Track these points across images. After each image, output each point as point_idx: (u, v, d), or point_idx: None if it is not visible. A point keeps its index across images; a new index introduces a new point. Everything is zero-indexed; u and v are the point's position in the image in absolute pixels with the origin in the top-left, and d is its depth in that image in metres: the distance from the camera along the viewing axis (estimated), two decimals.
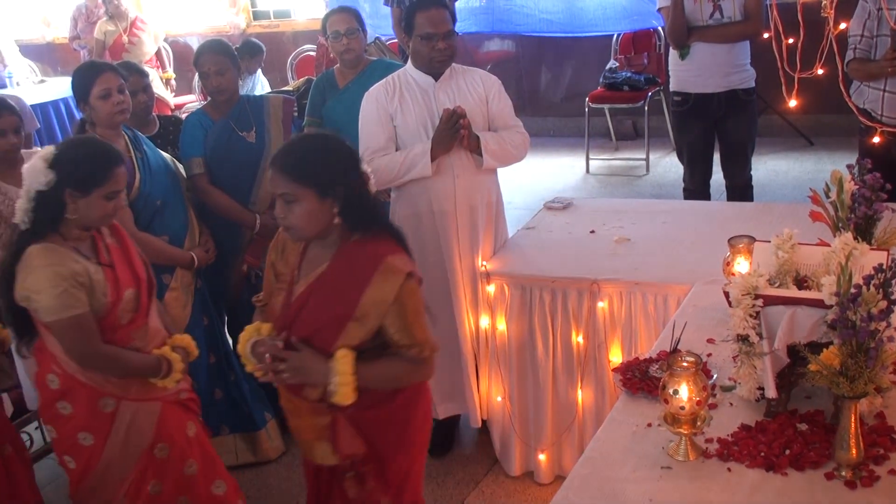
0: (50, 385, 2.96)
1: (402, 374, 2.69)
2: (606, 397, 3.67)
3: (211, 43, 4.32)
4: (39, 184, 2.81)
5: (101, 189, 2.84)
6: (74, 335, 2.84)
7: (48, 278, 2.77)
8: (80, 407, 2.95)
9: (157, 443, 3.05)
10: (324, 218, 2.57)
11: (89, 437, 2.96)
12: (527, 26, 8.71)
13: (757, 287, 2.35)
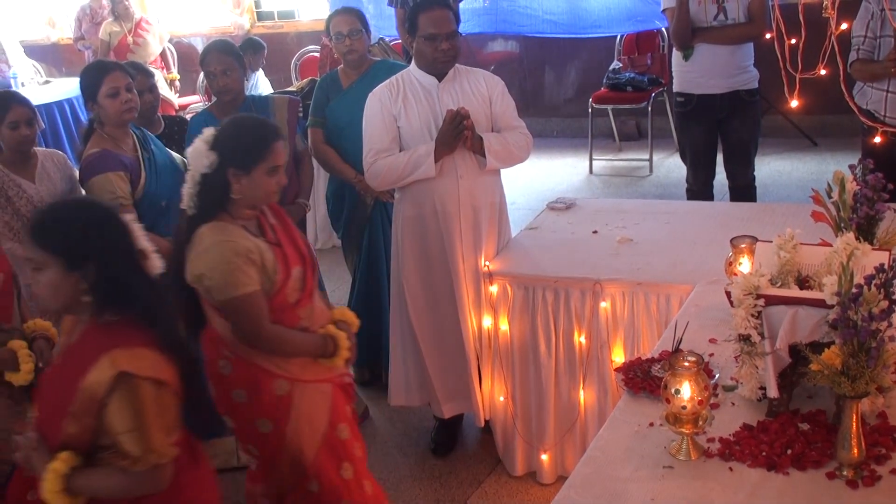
0: (222, 372, 2.93)
1: (125, 485, 2.36)
2: (609, 397, 3.68)
3: (217, 43, 4.33)
4: (203, 166, 2.81)
5: (262, 165, 2.83)
6: (245, 314, 2.80)
7: (221, 256, 2.76)
8: (254, 393, 2.91)
9: (336, 423, 3.02)
10: (69, 291, 2.33)
11: (268, 423, 2.92)
12: (530, 27, 8.72)
13: (759, 287, 2.36)
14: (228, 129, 2.88)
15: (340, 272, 5.63)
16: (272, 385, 2.90)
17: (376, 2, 8.82)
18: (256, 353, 2.88)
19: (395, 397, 4.26)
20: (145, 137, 3.99)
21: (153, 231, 3.87)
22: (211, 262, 2.77)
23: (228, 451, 4.29)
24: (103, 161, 3.78)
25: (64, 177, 4.07)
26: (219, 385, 2.96)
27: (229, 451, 4.28)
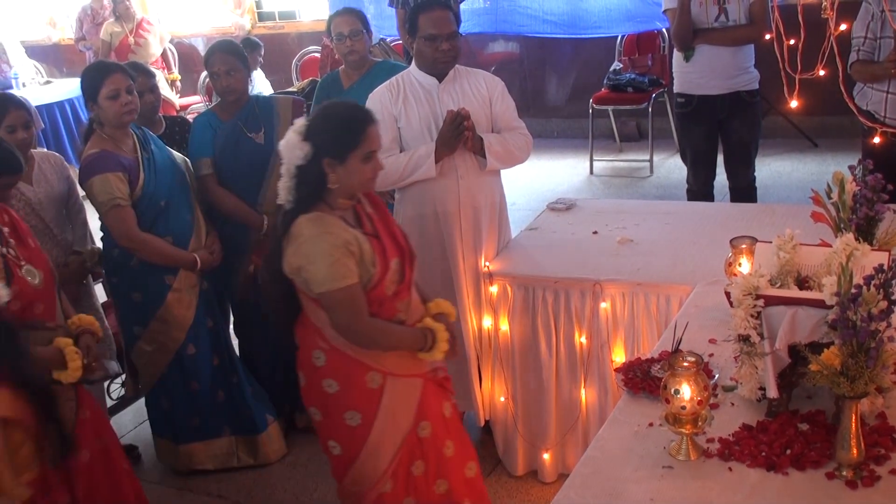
0: (315, 363, 2.92)
1: None
2: (610, 397, 3.68)
3: (221, 43, 4.32)
4: (297, 158, 2.78)
5: (357, 152, 2.78)
6: (344, 307, 2.78)
7: (320, 248, 2.74)
8: (346, 383, 2.90)
9: (419, 421, 2.98)
10: None
11: (356, 415, 2.90)
12: (530, 27, 8.72)
13: (758, 287, 2.36)
14: (320, 118, 2.84)
15: None
16: (365, 377, 2.89)
17: (377, 2, 8.82)
18: (352, 345, 2.87)
19: None
20: (145, 137, 3.99)
21: (152, 231, 3.89)
22: (310, 254, 2.75)
23: (228, 451, 4.29)
24: (102, 162, 3.78)
25: (61, 178, 4.07)
26: (310, 375, 2.96)
27: (228, 452, 4.29)
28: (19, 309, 3.09)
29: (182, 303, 4.01)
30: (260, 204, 4.22)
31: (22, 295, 3.08)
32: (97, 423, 3.39)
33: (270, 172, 4.17)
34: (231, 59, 4.16)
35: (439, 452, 3.03)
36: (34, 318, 3.15)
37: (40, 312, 3.17)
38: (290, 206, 2.83)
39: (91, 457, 3.28)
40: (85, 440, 3.27)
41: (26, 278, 3.11)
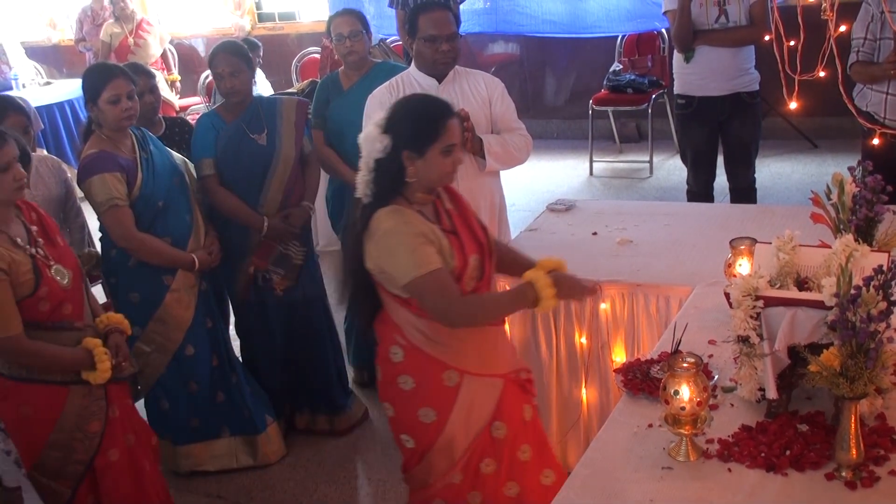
0: (392, 359, 2.89)
1: None
2: (611, 397, 3.68)
3: (225, 44, 4.32)
4: (377, 151, 2.74)
5: (437, 145, 2.73)
6: (434, 292, 2.71)
7: (399, 239, 2.70)
8: (423, 381, 2.86)
9: (494, 420, 2.92)
10: None
11: (431, 412, 2.86)
12: (530, 27, 8.72)
13: (758, 288, 2.36)
14: (400, 111, 2.80)
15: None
16: (442, 375, 2.86)
17: (377, 2, 8.83)
18: (430, 343, 2.83)
19: None
20: (145, 138, 3.98)
21: (150, 231, 3.88)
22: (390, 247, 2.72)
23: (227, 452, 4.29)
24: (100, 162, 3.78)
25: (58, 182, 4.07)
26: (386, 371, 2.94)
27: (228, 453, 4.29)
28: (48, 310, 3.11)
29: (180, 303, 4.01)
30: (261, 205, 4.20)
31: (51, 296, 3.10)
32: (126, 422, 3.40)
33: (272, 174, 4.18)
34: (235, 60, 4.14)
35: (513, 455, 2.97)
36: (63, 318, 3.17)
37: (69, 313, 3.18)
38: (367, 199, 2.80)
39: (119, 456, 3.31)
40: (113, 439, 3.29)
41: (55, 278, 3.12)
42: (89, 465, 3.26)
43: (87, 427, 3.24)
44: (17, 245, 3.06)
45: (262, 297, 4.32)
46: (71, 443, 3.21)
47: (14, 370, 3.13)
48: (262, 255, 4.26)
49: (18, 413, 3.16)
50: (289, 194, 4.25)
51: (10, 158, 3.00)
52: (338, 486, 4.17)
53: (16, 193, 3.07)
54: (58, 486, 3.23)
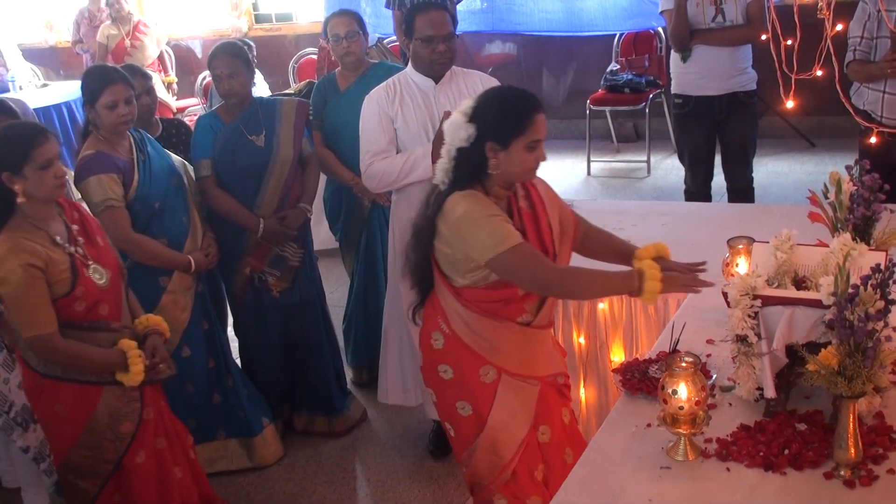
0: (434, 345, 2.90)
1: None
2: (609, 396, 3.69)
3: (225, 45, 4.30)
4: (460, 140, 2.71)
5: (521, 139, 2.69)
6: (527, 263, 2.67)
7: (475, 217, 2.67)
8: (460, 372, 2.86)
9: (539, 424, 2.93)
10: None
11: (468, 406, 2.87)
12: (526, 25, 8.71)
13: (755, 287, 2.36)
14: (487, 101, 2.77)
15: (338, 273, 5.63)
16: (479, 370, 2.85)
17: (374, 2, 8.83)
18: (472, 335, 2.83)
19: (391, 396, 4.25)
20: (143, 139, 3.98)
21: (146, 232, 3.88)
22: (468, 225, 2.69)
23: (223, 454, 4.27)
24: (97, 163, 3.78)
25: None
26: (428, 357, 2.94)
27: (224, 455, 4.28)
28: (84, 310, 3.11)
29: (177, 305, 4.00)
30: (257, 206, 4.20)
31: (87, 295, 3.10)
32: (160, 425, 3.40)
33: (268, 175, 4.18)
34: (235, 61, 4.12)
35: (561, 459, 2.97)
36: (99, 318, 3.17)
37: (105, 314, 3.19)
38: (445, 187, 2.78)
39: (146, 458, 3.31)
40: (143, 441, 3.31)
41: (92, 278, 3.13)
42: (118, 464, 3.26)
43: (119, 428, 3.25)
44: (56, 243, 3.08)
45: (259, 298, 4.32)
46: (101, 442, 3.22)
47: (49, 368, 3.14)
48: (258, 257, 4.26)
49: (52, 411, 3.19)
50: (286, 196, 4.25)
51: (51, 156, 3.04)
52: (336, 486, 4.16)
53: (57, 191, 3.10)
54: (84, 484, 3.25)
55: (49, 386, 3.16)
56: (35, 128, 3.14)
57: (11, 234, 3.01)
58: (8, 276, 2.96)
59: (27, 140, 3.01)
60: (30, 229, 3.05)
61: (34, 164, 3.00)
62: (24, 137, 3.03)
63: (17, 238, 3.00)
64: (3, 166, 2.99)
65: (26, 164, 2.99)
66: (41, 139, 3.03)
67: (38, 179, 3.01)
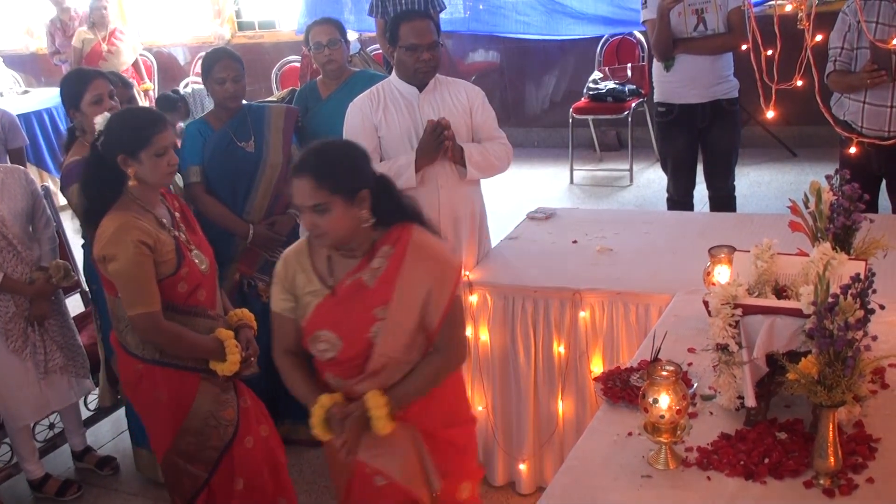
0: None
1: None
2: (587, 407, 3.68)
3: (223, 50, 4.33)
4: None
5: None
6: None
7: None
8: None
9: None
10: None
11: None
12: (504, 27, 8.75)
13: (736, 296, 2.37)
14: None
15: None
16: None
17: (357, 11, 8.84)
18: None
19: None
20: None
21: None
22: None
23: None
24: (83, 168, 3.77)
25: (26, 193, 4.02)
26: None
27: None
28: (186, 292, 3.13)
29: None
30: (246, 212, 4.22)
31: (190, 277, 3.13)
32: (257, 411, 3.41)
33: (258, 181, 4.21)
34: (236, 65, 4.16)
35: None
36: (198, 304, 3.19)
37: (203, 299, 3.21)
38: None
39: (255, 443, 3.33)
40: (248, 427, 3.33)
41: (195, 261, 3.16)
42: (224, 451, 3.26)
43: (222, 414, 3.25)
44: (163, 226, 3.10)
45: (248, 303, 4.27)
46: (205, 429, 3.22)
47: (147, 352, 3.16)
48: (247, 262, 4.28)
49: (152, 397, 3.21)
50: (275, 202, 4.27)
51: (167, 143, 3.06)
52: (317, 496, 4.16)
53: (167, 178, 3.15)
54: (194, 469, 3.26)
55: (147, 372, 3.18)
56: (156, 114, 3.18)
57: (122, 213, 3.04)
58: (118, 253, 2.97)
59: (149, 125, 3.04)
60: (138, 210, 3.07)
61: (152, 149, 3.01)
62: (146, 122, 3.06)
63: (128, 216, 3.02)
64: (121, 149, 3.01)
65: (144, 149, 3.01)
66: (161, 126, 3.06)
67: (152, 165, 3.03)
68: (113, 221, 3.01)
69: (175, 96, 7.24)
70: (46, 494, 4.31)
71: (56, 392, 4.16)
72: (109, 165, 3.04)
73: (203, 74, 4.26)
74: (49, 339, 4.10)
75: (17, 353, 3.99)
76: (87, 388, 4.37)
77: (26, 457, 4.28)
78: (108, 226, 3.01)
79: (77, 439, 4.55)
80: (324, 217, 2.52)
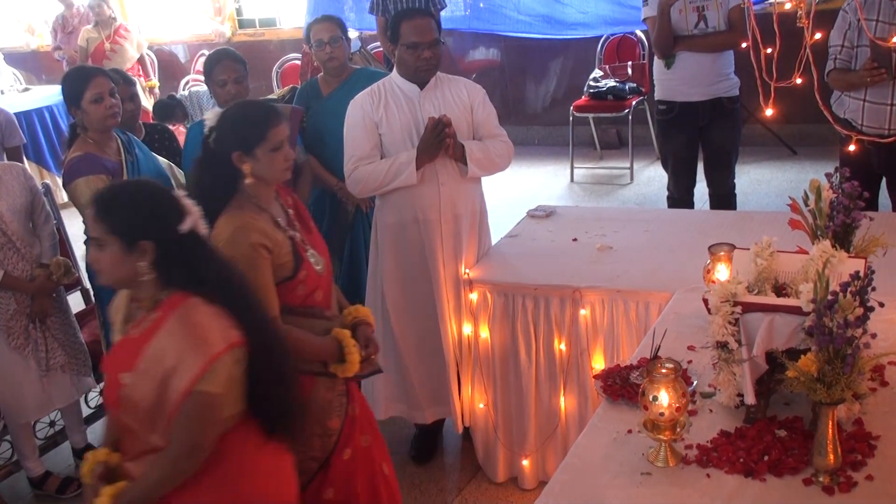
0: None
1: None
2: (589, 403, 3.69)
3: (226, 51, 4.27)
4: None
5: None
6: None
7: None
8: None
9: None
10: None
11: None
12: (505, 27, 8.74)
13: (736, 294, 2.37)
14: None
15: None
16: None
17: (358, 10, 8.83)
18: None
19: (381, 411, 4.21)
20: (130, 142, 3.97)
21: None
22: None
23: None
24: (85, 164, 3.77)
25: (24, 189, 4.02)
26: None
27: None
28: (303, 294, 2.98)
29: None
30: None
31: (308, 280, 2.97)
32: (365, 421, 3.25)
33: None
34: (238, 66, 4.12)
35: None
36: (314, 304, 3.04)
37: (320, 300, 3.05)
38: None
39: (352, 455, 3.15)
40: (350, 438, 3.14)
41: (310, 261, 3.00)
42: (324, 464, 3.08)
43: (328, 423, 3.07)
44: (279, 226, 2.95)
45: None
46: (310, 438, 3.03)
47: None
48: None
49: None
50: None
51: (283, 138, 2.91)
52: None
53: (285, 174, 2.98)
54: None
55: None
56: (270, 108, 3.02)
57: (238, 214, 2.88)
58: (235, 257, 2.78)
59: (263, 120, 2.90)
60: (254, 210, 2.91)
61: (268, 145, 2.87)
62: (260, 118, 2.91)
63: (245, 217, 2.87)
64: (236, 145, 2.87)
65: (260, 144, 2.87)
66: (276, 120, 2.91)
67: (269, 161, 2.88)
68: (229, 223, 2.85)
69: (172, 102, 7.19)
70: (47, 492, 4.31)
71: (58, 389, 4.17)
72: (222, 163, 2.90)
73: (205, 76, 4.21)
74: (51, 336, 4.10)
75: (18, 351, 4.00)
76: (88, 386, 4.38)
77: (27, 454, 4.29)
78: (225, 228, 2.84)
79: (78, 437, 4.55)
80: (101, 253, 2.41)
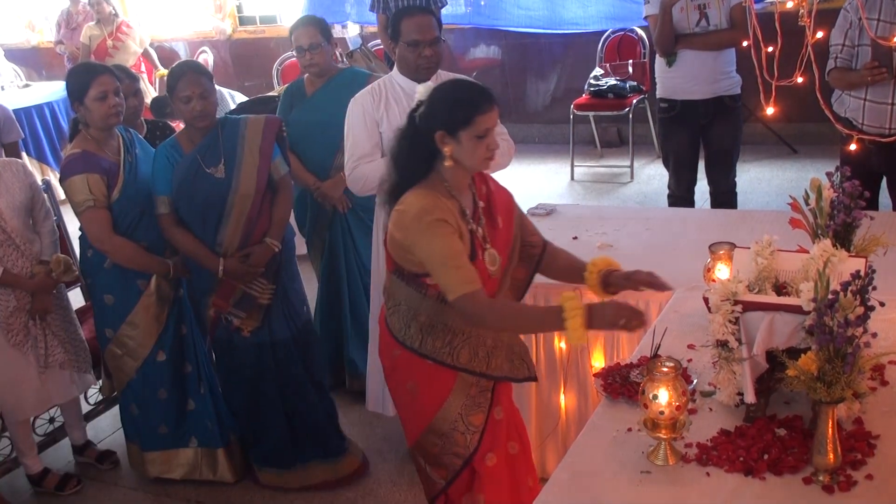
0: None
1: None
2: (589, 402, 3.68)
3: (188, 64, 3.98)
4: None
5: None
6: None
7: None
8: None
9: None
10: None
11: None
12: (506, 21, 8.74)
13: (736, 293, 2.37)
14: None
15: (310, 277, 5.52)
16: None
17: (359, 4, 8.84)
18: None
19: (371, 403, 4.24)
20: (132, 140, 3.95)
21: (130, 235, 3.85)
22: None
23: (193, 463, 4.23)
24: (82, 162, 3.76)
25: (24, 186, 4.02)
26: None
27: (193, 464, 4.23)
28: None
29: (150, 311, 3.96)
30: (219, 243, 3.85)
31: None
32: (512, 428, 3.11)
33: (228, 211, 3.83)
34: (203, 80, 3.75)
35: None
36: None
37: None
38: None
39: (497, 462, 3.02)
40: (495, 443, 3.02)
41: (485, 262, 2.88)
42: (467, 461, 2.99)
43: (471, 418, 2.94)
44: (464, 216, 2.85)
45: (231, 337, 4.01)
46: (452, 433, 2.95)
47: (409, 338, 2.89)
48: (222, 296, 3.93)
49: (403, 387, 2.99)
50: (250, 231, 3.88)
51: (491, 125, 2.78)
52: (317, 492, 4.14)
53: (485, 164, 2.87)
54: (434, 473, 3.04)
55: (403, 359, 2.93)
56: (484, 92, 2.81)
57: (429, 193, 2.78)
58: (421, 230, 2.73)
59: (475, 105, 2.74)
60: (445, 194, 2.80)
61: (473, 130, 2.72)
62: (471, 100, 2.75)
63: (435, 198, 2.77)
64: (441, 124, 2.74)
65: (465, 128, 2.72)
66: (487, 107, 2.74)
67: (471, 147, 2.74)
68: (418, 199, 2.76)
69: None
70: (46, 489, 4.31)
71: (57, 386, 4.16)
72: (424, 140, 2.78)
73: (168, 92, 3.83)
74: (50, 333, 4.10)
75: (17, 348, 3.99)
76: (88, 383, 4.38)
77: (26, 451, 4.28)
78: (413, 202, 2.75)
79: (77, 433, 4.55)
80: None
